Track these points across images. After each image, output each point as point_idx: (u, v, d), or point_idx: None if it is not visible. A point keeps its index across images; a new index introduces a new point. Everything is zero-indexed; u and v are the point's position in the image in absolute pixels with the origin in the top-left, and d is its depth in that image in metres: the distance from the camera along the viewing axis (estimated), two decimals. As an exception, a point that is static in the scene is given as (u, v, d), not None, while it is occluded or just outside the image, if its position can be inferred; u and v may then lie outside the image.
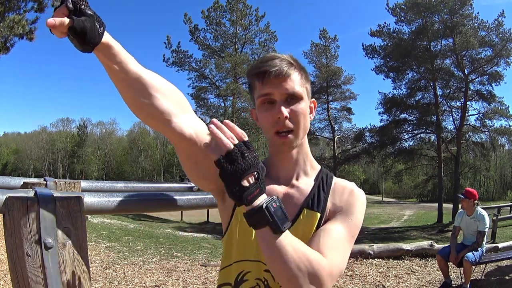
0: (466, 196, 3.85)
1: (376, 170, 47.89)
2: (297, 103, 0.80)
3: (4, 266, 3.90)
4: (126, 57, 0.71)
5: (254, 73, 0.81)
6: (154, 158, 51.50)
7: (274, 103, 0.79)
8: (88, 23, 0.64)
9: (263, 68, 0.78)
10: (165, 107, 0.72)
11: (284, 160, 0.85)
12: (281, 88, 0.78)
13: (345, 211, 0.81)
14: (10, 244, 0.68)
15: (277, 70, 0.77)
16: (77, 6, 0.64)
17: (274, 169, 0.86)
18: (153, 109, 0.71)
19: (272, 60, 0.79)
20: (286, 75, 0.78)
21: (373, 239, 13.27)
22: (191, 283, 4.15)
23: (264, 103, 0.80)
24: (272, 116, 0.78)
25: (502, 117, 18.31)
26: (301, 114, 0.80)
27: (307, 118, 0.83)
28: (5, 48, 10.03)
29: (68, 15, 0.63)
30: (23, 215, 0.66)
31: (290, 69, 0.79)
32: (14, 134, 64.89)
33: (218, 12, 20.38)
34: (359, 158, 21.85)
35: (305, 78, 0.83)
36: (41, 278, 0.67)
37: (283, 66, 0.78)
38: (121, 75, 0.70)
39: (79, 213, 0.73)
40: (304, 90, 0.82)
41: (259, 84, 0.80)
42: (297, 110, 0.79)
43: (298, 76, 0.81)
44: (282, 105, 0.78)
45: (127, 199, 0.86)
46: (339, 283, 4.06)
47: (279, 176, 0.85)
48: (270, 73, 0.77)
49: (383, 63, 20.54)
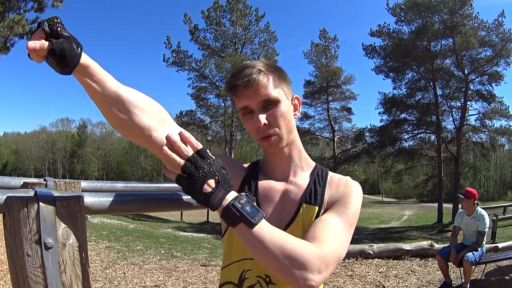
0: (466, 196, 3.85)
1: (376, 170, 47.90)
2: (275, 107, 0.81)
3: (4, 266, 3.90)
4: (104, 75, 0.70)
5: (227, 88, 0.84)
6: (154, 158, 51.45)
7: (253, 112, 0.81)
8: (66, 44, 0.64)
9: (233, 82, 0.81)
10: (144, 122, 0.70)
11: (277, 159, 0.87)
12: (254, 97, 0.80)
13: (341, 201, 0.82)
14: (10, 244, 0.68)
15: (245, 82, 0.79)
16: (54, 29, 0.64)
17: (270, 168, 0.89)
18: (133, 125, 0.70)
19: (242, 71, 0.81)
20: (256, 83, 0.80)
21: (373, 239, 13.27)
22: (191, 283, 4.15)
23: (245, 114, 0.83)
24: (253, 125, 0.81)
25: (502, 117, 18.31)
26: (280, 117, 0.81)
27: (288, 118, 0.84)
28: (5, 48, 10.03)
29: (46, 38, 0.64)
30: (23, 215, 0.67)
31: (259, 75, 0.80)
32: (14, 134, 64.95)
33: (218, 12, 20.38)
34: (359, 158, 21.85)
35: (279, 79, 0.84)
36: (41, 278, 0.67)
37: (252, 75, 0.80)
38: (100, 93, 0.69)
39: (79, 213, 0.73)
40: (280, 92, 0.83)
41: (235, 99, 0.83)
42: (275, 114, 0.81)
43: (270, 80, 0.82)
44: (260, 113, 0.80)
45: (127, 199, 0.86)
46: (339, 283, 4.06)
47: (276, 174, 0.88)
48: (239, 86, 0.80)
49: (383, 63, 20.55)
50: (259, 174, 0.89)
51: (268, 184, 0.85)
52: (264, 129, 0.81)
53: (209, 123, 22.12)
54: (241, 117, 0.85)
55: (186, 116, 21.59)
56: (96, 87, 0.69)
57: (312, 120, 24.07)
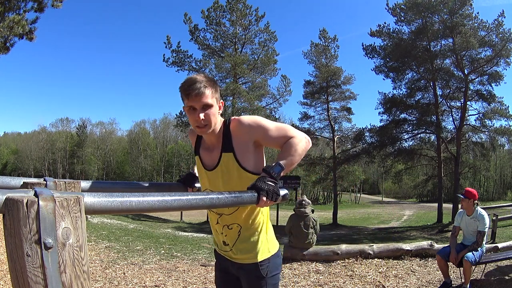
0: (466, 196, 3.85)
1: (376, 170, 47.90)
2: (209, 109, 1.36)
3: (4, 266, 3.90)
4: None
5: (183, 93, 1.36)
6: (154, 158, 51.48)
7: (195, 110, 1.35)
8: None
9: (187, 91, 1.33)
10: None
11: (208, 138, 1.47)
12: (198, 102, 1.34)
13: (259, 134, 1.39)
14: (10, 244, 0.68)
15: (196, 92, 1.32)
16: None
17: (206, 143, 1.50)
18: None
19: (194, 84, 1.33)
20: (201, 94, 1.33)
21: (373, 239, 13.27)
22: (191, 283, 4.15)
23: (190, 110, 1.37)
24: (194, 118, 1.36)
25: (502, 117, 18.28)
26: (211, 115, 1.36)
27: (216, 115, 1.39)
28: (5, 48, 10.01)
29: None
30: (23, 215, 0.66)
31: (205, 89, 1.33)
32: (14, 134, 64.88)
33: (218, 12, 20.35)
34: (359, 158, 21.81)
35: (215, 91, 1.38)
36: (41, 278, 0.67)
37: (200, 88, 1.32)
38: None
39: (79, 213, 0.73)
40: (214, 100, 1.38)
41: (186, 100, 1.36)
42: (209, 114, 1.36)
43: (209, 91, 1.35)
44: (200, 112, 1.35)
45: (127, 199, 0.86)
46: (339, 283, 4.06)
47: (209, 145, 1.48)
48: (192, 94, 1.33)
49: (383, 63, 20.52)
50: (202, 142, 1.54)
51: (205, 148, 1.50)
52: (200, 122, 1.35)
53: (209, 123, 22.07)
54: (187, 111, 1.38)
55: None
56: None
57: (312, 120, 24.05)
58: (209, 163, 1.47)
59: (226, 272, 1.60)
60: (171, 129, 50.19)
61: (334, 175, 22.16)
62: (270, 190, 1.19)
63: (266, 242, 1.49)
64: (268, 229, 1.52)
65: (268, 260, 1.47)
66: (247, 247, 1.46)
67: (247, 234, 1.45)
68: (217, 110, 1.40)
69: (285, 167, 1.29)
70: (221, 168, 1.41)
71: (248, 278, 1.49)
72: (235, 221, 1.45)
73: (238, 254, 1.48)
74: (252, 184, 1.20)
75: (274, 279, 1.48)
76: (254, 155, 1.41)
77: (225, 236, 1.49)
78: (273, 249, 1.51)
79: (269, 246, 1.50)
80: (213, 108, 1.37)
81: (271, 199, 1.19)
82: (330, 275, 4.41)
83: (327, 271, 4.55)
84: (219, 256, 1.61)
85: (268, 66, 20.87)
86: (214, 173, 1.45)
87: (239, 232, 1.46)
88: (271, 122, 1.40)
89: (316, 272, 4.52)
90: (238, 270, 1.52)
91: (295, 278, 4.27)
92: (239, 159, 1.38)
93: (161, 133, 55.22)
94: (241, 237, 1.46)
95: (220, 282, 1.64)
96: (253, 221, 1.45)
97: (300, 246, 5.09)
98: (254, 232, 1.46)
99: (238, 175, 1.39)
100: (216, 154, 1.43)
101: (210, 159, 1.46)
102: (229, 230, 1.47)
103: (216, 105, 1.39)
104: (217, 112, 1.40)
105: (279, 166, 1.27)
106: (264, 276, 1.45)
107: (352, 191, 46.45)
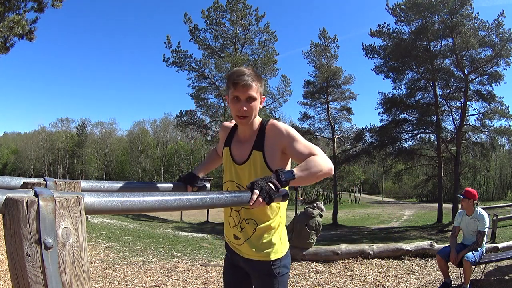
0: (466, 196, 3.85)
1: (376, 170, 47.90)
2: (253, 102, 1.43)
3: (4, 266, 3.90)
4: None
5: (230, 82, 1.43)
6: (154, 158, 51.48)
7: (239, 100, 1.42)
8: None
9: (236, 80, 1.40)
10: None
11: (242, 131, 1.53)
12: (244, 93, 1.41)
13: (285, 140, 1.42)
14: (10, 244, 0.68)
15: (243, 83, 1.39)
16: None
17: (239, 136, 1.56)
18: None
19: (243, 75, 1.40)
20: (249, 86, 1.40)
21: (373, 239, 13.28)
22: (191, 283, 4.15)
23: (234, 99, 1.43)
24: (237, 108, 1.43)
25: (502, 117, 18.29)
26: (253, 108, 1.44)
27: (257, 108, 1.47)
28: (5, 48, 10.01)
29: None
30: (23, 215, 0.66)
31: (252, 82, 1.41)
32: (14, 134, 64.90)
33: (218, 12, 20.36)
34: (359, 158, 21.82)
35: (260, 85, 1.46)
36: (41, 278, 0.67)
37: (249, 80, 1.40)
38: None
39: (79, 213, 0.73)
40: (258, 94, 1.45)
41: (232, 89, 1.43)
42: (251, 106, 1.43)
43: (256, 85, 1.43)
44: (244, 103, 1.42)
45: (127, 199, 0.86)
46: (339, 283, 4.06)
47: (241, 139, 1.54)
48: (239, 84, 1.40)
49: (383, 63, 20.53)
50: (234, 135, 1.59)
51: (237, 141, 1.55)
52: (243, 112, 1.42)
53: (209, 123, 22.10)
54: (231, 100, 1.44)
55: (186, 116, 21.56)
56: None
57: (312, 120, 24.08)
58: (239, 157, 1.51)
59: (235, 265, 1.63)
60: (171, 129, 50.23)
61: (334, 175, 22.13)
62: (265, 189, 1.13)
63: (280, 243, 1.52)
64: (283, 230, 1.56)
65: (280, 260, 1.51)
66: (261, 245, 1.49)
67: (262, 232, 1.49)
68: (259, 104, 1.47)
69: (297, 178, 1.25)
70: (249, 164, 1.46)
71: (260, 276, 1.53)
72: (252, 216, 1.48)
73: (250, 251, 1.50)
74: (253, 181, 1.17)
75: (285, 277, 1.53)
76: (280, 161, 1.45)
77: (238, 231, 1.52)
78: (285, 249, 1.55)
79: (282, 247, 1.54)
80: (256, 101, 1.44)
81: (263, 198, 1.13)
82: (330, 275, 4.41)
83: (327, 271, 4.55)
84: (229, 249, 1.64)
85: (268, 66, 20.86)
86: (242, 168, 1.49)
87: (254, 230, 1.49)
88: (303, 138, 1.44)
89: (316, 272, 4.52)
90: (248, 266, 1.55)
91: (295, 278, 4.27)
92: (267, 160, 1.43)
93: (161, 133, 55.23)
94: (256, 234, 1.49)
95: (229, 274, 1.67)
96: (270, 220, 1.49)
97: (300, 246, 5.10)
98: (270, 231, 1.49)
99: (262, 174, 1.40)
100: (247, 149, 1.48)
101: (240, 153, 1.51)
102: (246, 224, 1.50)
103: (259, 99, 1.46)
104: (258, 106, 1.47)
105: (291, 174, 1.24)
106: (277, 275, 1.49)
107: (352, 191, 46.47)
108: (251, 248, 1.49)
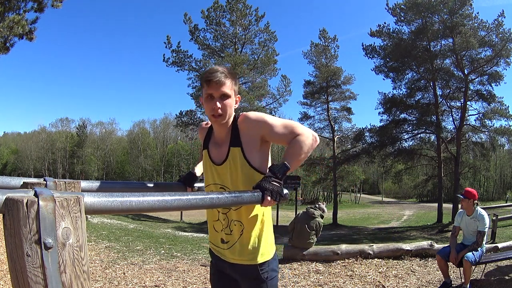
0: (466, 196, 3.85)
1: (376, 170, 47.90)
2: (226, 99, 1.39)
3: (4, 266, 3.90)
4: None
5: (203, 80, 1.39)
6: (154, 158, 51.47)
7: (213, 98, 1.38)
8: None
9: (209, 77, 1.36)
10: None
11: (218, 131, 1.47)
12: (218, 90, 1.37)
13: (263, 129, 1.38)
14: (10, 244, 0.68)
15: (216, 80, 1.36)
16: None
17: (215, 137, 1.51)
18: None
19: (215, 72, 1.37)
20: (222, 83, 1.36)
21: (373, 239, 13.27)
22: (191, 283, 4.15)
23: (207, 98, 1.39)
24: (211, 106, 1.38)
25: (502, 117, 18.27)
26: (227, 105, 1.39)
27: (232, 107, 1.42)
28: (5, 48, 10.01)
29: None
30: (23, 215, 0.66)
31: (225, 79, 1.37)
32: (14, 134, 64.89)
33: (218, 12, 20.34)
34: (359, 158, 21.78)
35: (234, 83, 1.42)
36: (41, 278, 0.67)
37: (221, 77, 1.36)
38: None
39: (79, 213, 0.73)
40: (232, 91, 1.41)
41: (206, 87, 1.39)
42: (225, 104, 1.38)
43: (229, 82, 1.39)
44: (218, 101, 1.37)
45: (127, 199, 0.86)
46: (339, 283, 4.06)
47: (218, 140, 1.49)
48: (213, 81, 1.36)
49: (383, 63, 20.50)
50: (212, 136, 1.53)
51: (214, 142, 1.50)
52: (217, 111, 1.37)
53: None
54: (204, 99, 1.40)
55: (186, 116, 21.54)
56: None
57: (312, 120, 24.05)
58: (217, 157, 1.47)
59: (221, 272, 1.58)
60: (171, 129, 50.24)
61: (334, 175, 22.16)
62: (274, 190, 1.22)
63: (266, 244, 1.47)
64: (269, 232, 1.51)
65: (267, 264, 1.46)
66: (248, 248, 1.44)
67: (249, 235, 1.44)
68: (234, 102, 1.42)
69: (291, 166, 1.30)
70: (229, 163, 1.41)
71: (248, 281, 1.48)
72: (240, 218, 1.44)
73: (237, 255, 1.46)
74: (257, 183, 1.24)
75: (274, 281, 1.49)
76: (260, 152, 1.42)
77: (225, 234, 1.48)
78: (272, 251, 1.51)
79: (269, 248, 1.49)
80: (230, 99, 1.39)
81: (275, 199, 1.22)
82: (330, 275, 4.41)
83: (327, 271, 4.55)
84: (214, 256, 1.59)
85: (268, 66, 20.86)
86: (223, 168, 1.45)
87: (242, 232, 1.44)
88: (277, 118, 1.41)
89: (316, 272, 4.52)
90: (235, 271, 1.50)
91: (295, 278, 4.27)
92: (246, 154, 1.39)
93: (161, 133, 55.23)
94: (243, 237, 1.44)
95: (216, 282, 1.62)
96: (256, 222, 1.44)
97: (300, 246, 5.10)
98: (256, 234, 1.45)
99: (243, 171, 1.39)
100: (225, 148, 1.43)
101: (218, 153, 1.47)
102: (234, 226, 1.45)
103: (234, 98, 1.42)
104: (233, 104, 1.42)
105: (284, 167, 1.28)
106: (265, 279, 1.45)
107: (352, 191, 46.47)
108: (237, 251, 1.45)
